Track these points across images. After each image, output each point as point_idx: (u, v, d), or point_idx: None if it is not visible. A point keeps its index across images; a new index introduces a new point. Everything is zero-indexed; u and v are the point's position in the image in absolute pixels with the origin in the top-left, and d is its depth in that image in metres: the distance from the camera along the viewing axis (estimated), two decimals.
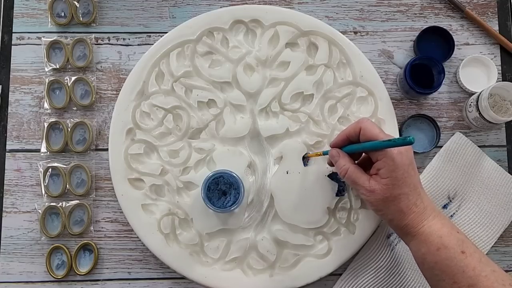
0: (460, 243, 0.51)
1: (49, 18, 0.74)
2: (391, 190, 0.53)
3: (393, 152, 0.53)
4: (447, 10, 0.76)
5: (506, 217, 0.70)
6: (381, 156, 0.53)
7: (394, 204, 0.53)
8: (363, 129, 0.56)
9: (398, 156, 0.53)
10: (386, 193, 0.53)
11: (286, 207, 0.67)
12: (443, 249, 0.51)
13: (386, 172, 0.53)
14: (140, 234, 0.67)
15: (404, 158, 0.53)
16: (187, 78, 0.70)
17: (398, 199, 0.53)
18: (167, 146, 0.69)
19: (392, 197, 0.53)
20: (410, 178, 0.53)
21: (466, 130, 0.73)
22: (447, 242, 0.51)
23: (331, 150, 0.60)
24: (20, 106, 0.73)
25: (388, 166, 0.53)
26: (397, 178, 0.53)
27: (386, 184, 0.53)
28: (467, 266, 0.50)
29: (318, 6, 0.75)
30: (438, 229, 0.52)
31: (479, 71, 0.74)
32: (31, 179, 0.71)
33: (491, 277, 0.49)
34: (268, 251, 0.66)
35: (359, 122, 0.57)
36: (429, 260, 0.52)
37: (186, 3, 0.75)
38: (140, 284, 0.70)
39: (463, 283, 0.49)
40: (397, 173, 0.52)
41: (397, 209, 0.53)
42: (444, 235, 0.51)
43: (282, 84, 0.69)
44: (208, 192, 0.63)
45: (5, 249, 0.70)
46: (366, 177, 0.55)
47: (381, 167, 0.53)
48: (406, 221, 0.53)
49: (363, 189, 0.55)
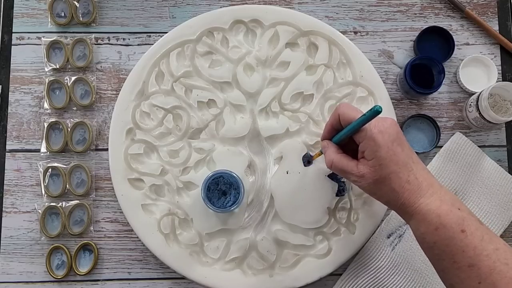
0: (460, 222, 0.48)
1: (49, 18, 0.74)
2: (379, 171, 0.51)
3: (373, 132, 0.51)
4: (447, 10, 0.76)
5: (506, 217, 0.70)
6: (362, 137, 0.52)
7: (385, 185, 0.51)
8: (341, 115, 0.54)
9: (378, 136, 0.51)
10: (375, 175, 0.51)
11: (286, 207, 0.67)
12: (441, 229, 0.48)
13: (370, 153, 0.51)
14: (140, 234, 0.67)
15: (386, 136, 0.51)
16: (187, 78, 0.70)
17: (388, 179, 0.51)
18: (167, 146, 0.69)
19: (382, 178, 0.51)
20: (396, 155, 0.51)
21: (466, 130, 0.73)
22: (445, 221, 0.48)
23: (321, 143, 0.59)
24: (20, 106, 0.73)
25: (370, 146, 0.51)
26: (382, 157, 0.51)
27: (373, 166, 0.51)
28: (467, 245, 0.47)
29: (318, 6, 0.75)
30: (436, 208, 0.49)
31: (479, 71, 0.74)
32: (31, 179, 0.71)
33: (493, 256, 0.47)
34: (268, 251, 0.66)
35: (337, 108, 0.56)
36: (428, 240, 0.50)
37: (186, 3, 0.75)
38: (140, 284, 0.70)
39: (463, 263, 0.47)
40: (381, 153, 0.51)
41: (390, 189, 0.51)
42: (442, 214, 0.49)
43: (282, 84, 0.69)
44: (208, 192, 0.63)
45: (5, 249, 0.70)
46: (354, 163, 0.53)
47: (365, 149, 0.52)
48: (402, 200, 0.51)
49: (353, 175, 0.53)
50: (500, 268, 0.46)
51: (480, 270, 0.46)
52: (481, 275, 0.46)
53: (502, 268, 0.46)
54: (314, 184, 0.67)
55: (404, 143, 0.53)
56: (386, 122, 0.53)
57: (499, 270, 0.46)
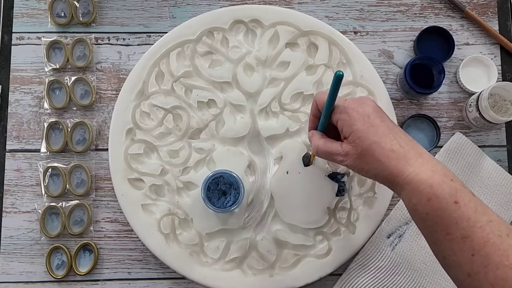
0: (453, 192, 0.47)
1: (49, 18, 0.74)
2: (359, 144, 0.51)
3: (347, 109, 0.52)
4: (447, 10, 0.76)
5: (506, 217, 0.70)
6: (337, 116, 0.53)
7: (369, 157, 0.51)
8: (317, 101, 0.55)
9: (352, 111, 0.52)
10: (357, 149, 0.51)
11: (286, 207, 0.67)
12: (434, 200, 0.47)
13: (348, 129, 0.52)
14: (140, 234, 0.67)
15: (360, 110, 0.52)
16: (187, 78, 0.70)
17: (371, 150, 0.50)
18: (167, 146, 0.69)
19: (364, 151, 0.51)
20: (374, 126, 0.51)
21: (466, 130, 0.73)
22: (438, 192, 0.47)
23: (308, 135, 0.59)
24: (20, 106, 0.73)
25: (346, 122, 0.52)
26: (360, 130, 0.51)
27: (353, 140, 0.51)
28: (461, 217, 0.46)
29: (318, 6, 0.75)
30: (428, 178, 0.48)
31: (479, 71, 0.74)
32: (31, 179, 0.71)
33: (487, 227, 0.45)
34: (268, 251, 0.66)
35: (314, 97, 0.56)
36: (420, 211, 0.48)
37: (186, 3, 0.75)
38: (140, 284, 0.70)
39: (456, 234, 0.46)
40: (358, 125, 0.51)
41: (375, 160, 0.50)
42: (435, 184, 0.47)
43: (282, 84, 0.69)
44: (208, 192, 0.63)
45: (5, 249, 0.70)
46: (338, 144, 0.54)
47: (342, 126, 0.52)
48: (389, 170, 0.50)
49: (339, 155, 0.53)
50: (494, 240, 0.45)
51: (473, 242, 0.45)
52: (475, 246, 0.45)
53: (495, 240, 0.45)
54: (314, 184, 0.67)
55: (383, 117, 0.53)
56: (360, 99, 0.53)
57: (493, 242, 0.45)
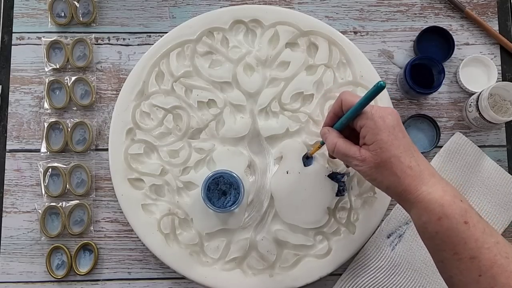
0: (463, 213, 0.48)
1: (49, 18, 0.74)
2: (380, 155, 0.51)
3: (374, 116, 0.51)
4: (447, 10, 0.76)
5: (506, 217, 0.70)
6: (363, 122, 0.52)
7: (386, 169, 0.51)
8: (343, 101, 0.55)
9: (379, 120, 0.51)
10: (376, 159, 0.51)
11: (286, 207, 0.67)
12: (444, 219, 0.48)
13: (371, 137, 0.51)
14: (140, 234, 0.67)
15: (387, 121, 0.51)
16: (187, 78, 0.70)
17: (390, 163, 0.51)
18: (167, 146, 0.69)
19: (383, 162, 0.51)
20: (398, 140, 0.51)
21: (466, 130, 0.73)
22: (449, 212, 0.48)
23: (321, 130, 0.59)
24: (20, 106, 0.73)
25: (371, 130, 0.51)
26: (383, 141, 0.51)
27: (374, 149, 0.51)
28: (470, 237, 0.47)
29: (318, 6, 0.75)
30: (439, 197, 0.49)
31: (479, 71, 0.74)
32: (31, 179, 0.71)
33: (494, 249, 0.46)
34: (268, 251, 0.66)
35: (340, 95, 0.56)
36: (430, 230, 0.49)
37: (186, 3, 0.75)
38: (140, 284, 0.70)
39: (464, 254, 0.47)
40: (382, 136, 0.51)
41: (391, 173, 0.51)
42: (446, 204, 0.48)
43: (282, 84, 0.69)
44: (208, 192, 0.63)
45: (5, 249, 0.70)
46: (356, 148, 0.53)
47: (365, 133, 0.52)
48: (403, 186, 0.51)
49: (355, 159, 0.53)
50: (501, 262, 0.46)
51: (481, 262, 0.46)
52: (482, 267, 0.46)
53: (502, 262, 0.46)
54: (314, 184, 0.67)
55: (404, 131, 0.53)
56: (387, 110, 0.53)
57: (500, 263, 0.46)
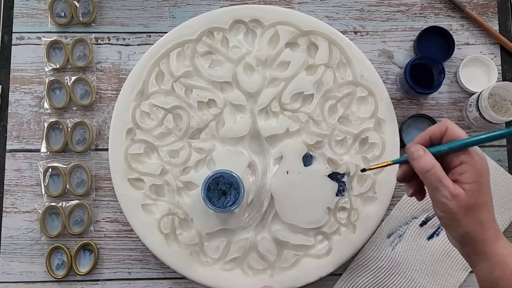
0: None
1: (49, 18, 0.74)
2: (476, 197, 0.47)
3: (478, 157, 0.48)
4: (447, 10, 0.76)
5: (506, 217, 0.70)
6: (466, 158, 0.48)
7: (475, 214, 0.48)
8: (450, 129, 0.50)
9: (482, 162, 0.48)
10: (470, 200, 0.47)
11: (286, 207, 0.67)
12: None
13: (471, 176, 0.47)
14: (140, 234, 0.67)
15: (486, 166, 0.48)
16: (187, 78, 0.70)
17: (480, 209, 0.48)
18: (167, 146, 0.69)
19: (476, 206, 0.47)
20: (490, 190, 0.49)
21: (466, 130, 0.73)
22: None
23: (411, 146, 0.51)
24: (20, 106, 0.73)
25: (473, 170, 0.47)
26: (483, 185, 0.48)
27: (470, 189, 0.47)
28: None
29: (318, 6, 0.75)
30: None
31: (479, 71, 0.74)
32: (31, 179, 0.71)
33: None
34: (268, 251, 0.66)
35: (445, 122, 0.51)
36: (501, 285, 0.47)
37: (186, 3, 0.75)
38: (140, 284, 0.70)
39: None
40: (483, 179, 0.48)
41: (477, 221, 0.48)
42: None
43: (282, 84, 0.69)
44: (208, 192, 0.63)
45: (5, 249, 0.70)
46: (450, 180, 0.48)
47: (465, 171, 0.48)
48: (485, 236, 0.48)
49: (447, 191, 0.47)
50: None
51: None
52: None
53: None
54: (314, 184, 0.67)
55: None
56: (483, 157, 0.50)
57: None
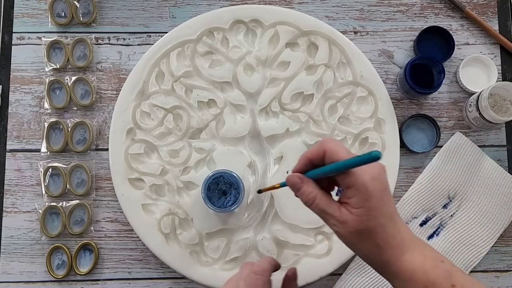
0: (448, 276, 0.46)
1: (49, 18, 0.74)
2: (365, 222, 0.46)
3: (365, 178, 0.45)
4: (447, 10, 0.76)
5: (506, 217, 0.70)
6: (351, 182, 0.46)
7: (369, 238, 0.46)
8: (328, 152, 0.47)
9: (371, 183, 0.45)
10: (360, 225, 0.46)
11: (286, 207, 0.67)
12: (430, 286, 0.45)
13: (359, 201, 0.45)
14: (140, 234, 0.67)
15: (378, 184, 0.46)
16: (187, 78, 0.70)
17: (374, 232, 0.46)
18: (167, 146, 0.69)
19: (367, 230, 0.46)
20: (385, 206, 0.46)
21: (466, 130, 0.73)
22: (433, 278, 0.45)
23: (290, 176, 0.50)
24: (21, 106, 0.73)
25: (360, 194, 0.45)
26: (372, 208, 0.45)
27: (359, 215, 0.46)
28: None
29: (318, 6, 0.75)
30: (421, 264, 0.46)
31: (479, 71, 0.74)
32: (31, 179, 0.71)
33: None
34: (268, 251, 0.66)
35: (323, 143, 0.48)
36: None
37: (186, 3, 0.75)
38: (140, 284, 0.70)
39: None
40: (371, 203, 0.45)
41: (373, 244, 0.46)
42: (429, 269, 0.46)
43: (282, 84, 0.70)
44: (208, 192, 0.63)
45: (6, 249, 0.70)
46: (336, 205, 0.47)
47: (352, 196, 0.46)
48: (385, 257, 0.47)
49: (334, 219, 0.47)
50: None
51: None
52: None
53: None
54: None
55: (390, 193, 0.48)
56: (375, 168, 0.47)
57: None
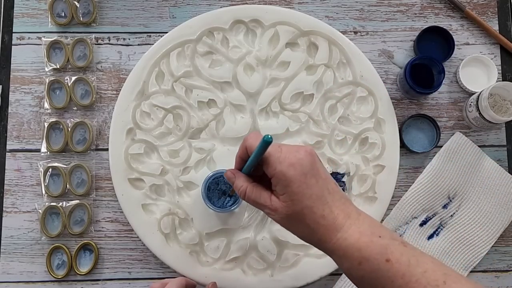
0: (383, 251, 0.46)
1: (49, 18, 0.74)
2: (292, 207, 0.47)
3: (283, 166, 0.47)
4: (447, 10, 0.76)
5: (506, 217, 0.70)
6: (272, 172, 0.48)
7: (299, 221, 0.48)
8: (248, 148, 0.50)
9: (289, 169, 0.47)
10: (288, 211, 0.48)
11: None
12: (365, 263, 0.46)
13: (281, 188, 0.48)
14: (140, 234, 0.67)
15: (298, 169, 0.47)
16: (187, 78, 0.70)
17: (301, 215, 0.47)
18: (167, 146, 0.69)
19: (295, 214, 0.48)
20: (310, 189, 0.47)
21: (466, 130, 0.73)
22: (367, 254, 0.46)
23: (226, 172, 0.53)
24: (21, 106, 0.73)
25: (281, 181, 0.47)
26: (294, 193, 0.47)
27: (284, 200, 0.48)
28: (395, 275, 0.45)
29: (318, 6, 0.75)
30: (355, 241, 0.46)
31: (479, 71, 0.74)
32: (31, 179, 0.71)
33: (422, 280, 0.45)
34: (268, 251, 0.66)
35: (244, 140, 0.51)
36: (355, 275, 0.47)
37: (186, 3, 0.75)
38: (140, 284, 0.70)
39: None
40: (292, 187, 0.47)
41: (304, 226, 0.48)
42: (363, 246, 0.46)
43: (282, 84, 0.70)
44: (208, 192, 0.63)
45: (6, 249, 0.70)
46: (268, 195, 0.49)
47: (276, 184, 0.48)
48: (318, 236, 0.48)
49: (266, 208, 0.49)
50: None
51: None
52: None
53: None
54: None
55: (319, 173, 0.49)
56: (299, 153, 0.48)
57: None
